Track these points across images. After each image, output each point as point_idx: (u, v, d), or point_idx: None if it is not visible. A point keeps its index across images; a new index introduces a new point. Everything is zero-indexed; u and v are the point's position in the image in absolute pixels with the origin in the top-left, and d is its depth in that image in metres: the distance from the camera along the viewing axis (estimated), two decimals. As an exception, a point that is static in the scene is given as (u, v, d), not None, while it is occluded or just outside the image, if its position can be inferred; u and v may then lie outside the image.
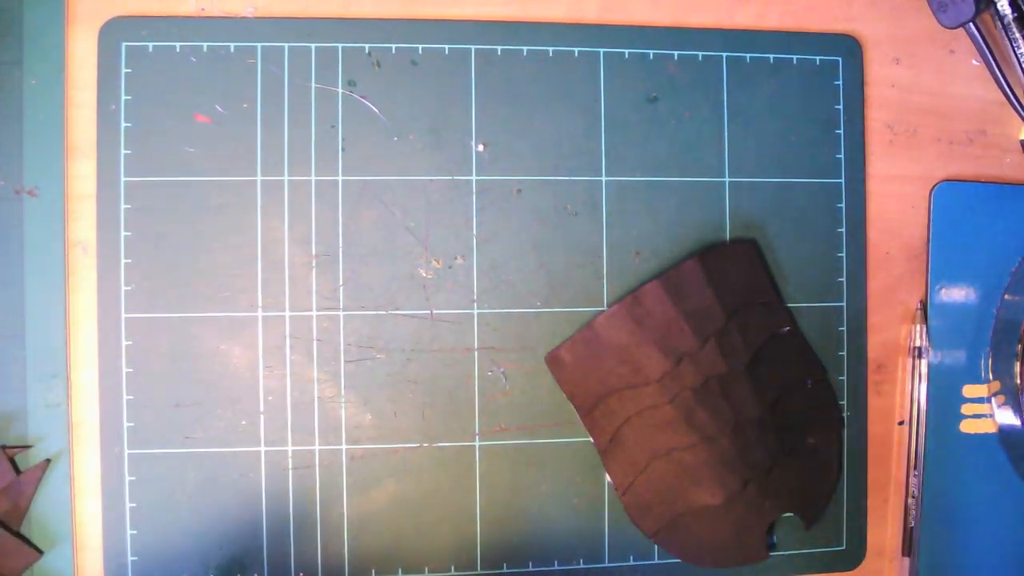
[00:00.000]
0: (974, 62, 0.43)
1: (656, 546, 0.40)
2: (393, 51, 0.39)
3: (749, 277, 0.40)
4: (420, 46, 0.39)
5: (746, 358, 0.39)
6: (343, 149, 0.38)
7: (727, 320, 0.38)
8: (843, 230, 0.42)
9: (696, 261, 0.38)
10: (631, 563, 0.40)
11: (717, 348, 0.38)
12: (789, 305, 0.41)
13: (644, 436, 0.39)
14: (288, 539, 0.38)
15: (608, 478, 0.40)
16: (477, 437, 0.39)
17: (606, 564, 0.40)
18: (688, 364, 0.38)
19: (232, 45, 0.38)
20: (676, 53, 0.40)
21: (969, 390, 0.42)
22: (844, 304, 0.42)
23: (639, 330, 0.38)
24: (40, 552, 0.37)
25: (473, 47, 0.39)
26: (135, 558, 0.38)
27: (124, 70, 0.37)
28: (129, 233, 0.37)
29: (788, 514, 0.41)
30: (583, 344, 0.38)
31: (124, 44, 0.37)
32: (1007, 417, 0.42)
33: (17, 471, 0.37)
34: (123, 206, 0.37)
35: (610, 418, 0.39)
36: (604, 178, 0.40)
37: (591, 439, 0.39)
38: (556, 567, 0.40)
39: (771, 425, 0.39)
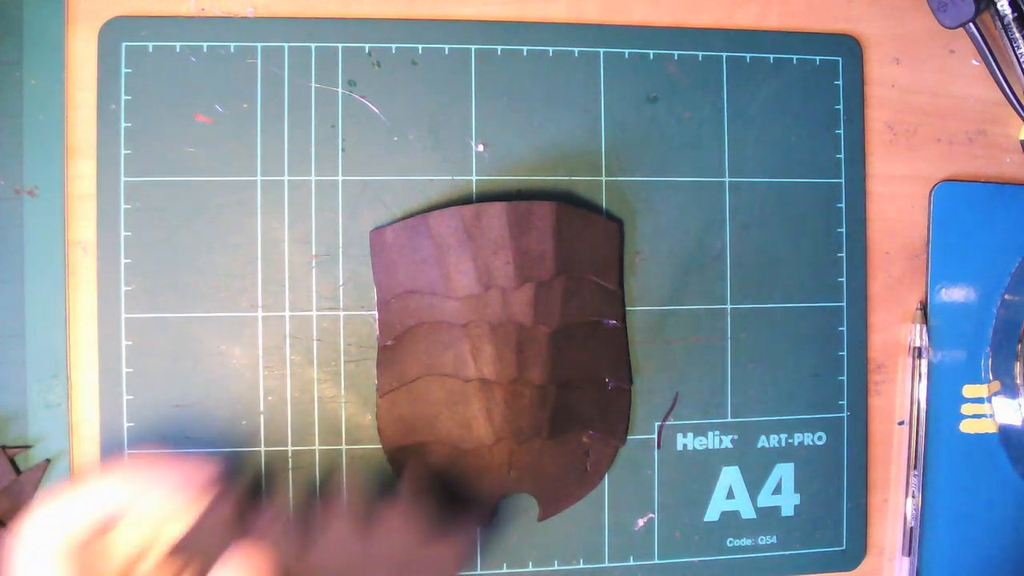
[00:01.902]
0: (974, 62, 0.43)
1: (654, 543, 0.40)
2: (393, 51, 0.39)
3: (600, 254, 0.38)
4: (420, 46, 0.39)
5: (556, 323, 0.37)
6: (343, 149, 0.38)
7: (554, 276, 0.37)
8: (843, 230, 0.42)
9: (553, 206, 0.37)
10: (631, 563, 0.40)
11: (532, 296, 0.36)
12: (789, 305, 0.41)
13: (426, 348, 0.37)
14: (288, 539, 0.38)
15: (375, 375, 0.38)
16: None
17: (606, 564, 0.40)
18: (496, 296, 0.36)
19: (232, 45, 0.38)
20: (676, 53, 0.40)
21: (969, 390, 0.43)
22: (844, 304, 0.42)
23: (467, 240, 0.36)
24: (40, 552, 0.37)
25: (473, 47, 0.39)
26: (135, 558, 0.37)
27: (124, 70, 0.37)
28: (129, 233, 0.37)
29: (527, 494, 0.39)
30: (410, 230, 0.37)
31: (124, 44, 0.37)
32: (1007, 417, 0.42)
33: (17, 471, 0.36)
34: (123, 206, 0.37)
35: (402, 316, 0.37)
36: (604, 178, 0.40)
37: (376, 332, 0.38)
38: (556, 567, 0.40)
39: (550, 400, 0.37)
